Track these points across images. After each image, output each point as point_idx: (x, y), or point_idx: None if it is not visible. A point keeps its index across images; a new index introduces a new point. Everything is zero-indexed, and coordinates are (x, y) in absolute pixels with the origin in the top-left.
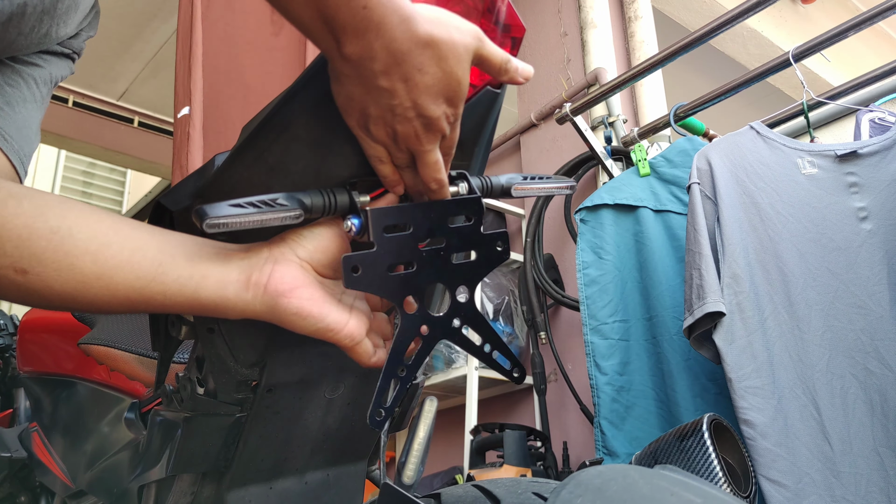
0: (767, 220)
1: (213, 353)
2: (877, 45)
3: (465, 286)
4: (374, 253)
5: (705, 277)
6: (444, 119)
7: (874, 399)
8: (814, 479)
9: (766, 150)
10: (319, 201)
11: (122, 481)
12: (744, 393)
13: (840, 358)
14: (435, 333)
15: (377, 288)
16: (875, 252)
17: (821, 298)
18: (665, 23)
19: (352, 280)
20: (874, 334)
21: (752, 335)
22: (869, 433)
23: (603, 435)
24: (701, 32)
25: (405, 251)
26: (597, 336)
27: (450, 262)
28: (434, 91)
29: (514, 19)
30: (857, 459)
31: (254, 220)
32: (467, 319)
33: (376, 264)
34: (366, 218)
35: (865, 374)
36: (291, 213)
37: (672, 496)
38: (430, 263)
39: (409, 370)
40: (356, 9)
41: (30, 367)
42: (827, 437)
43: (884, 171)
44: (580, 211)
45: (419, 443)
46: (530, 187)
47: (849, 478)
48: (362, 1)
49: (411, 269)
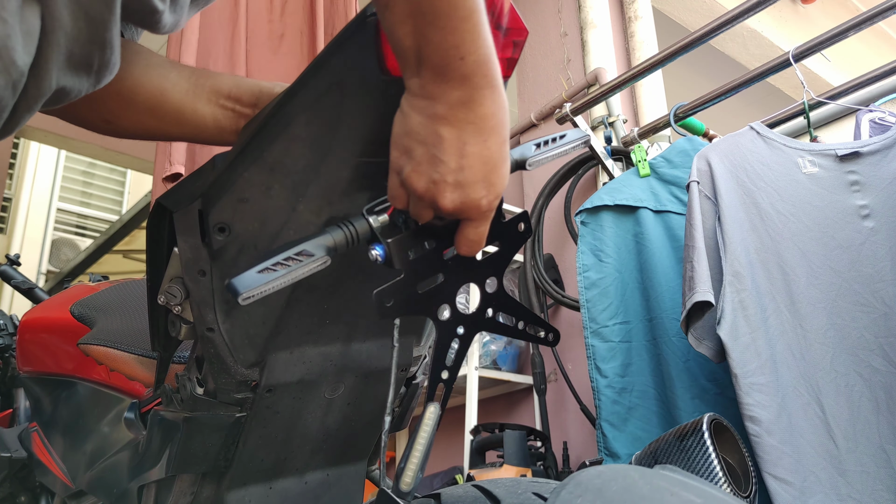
0: (768, 219)
1: (213, 353)
2: (877, 45)
3: (493, 277)
4: (402, 281)
5: (696, 269)
6: (482, 205)
7: (879, 396)
8: (819, 477)
9: (766, 150)
10: (342, 238)
11: (121, 481)
12: (749, 389)
13: (844, 356)
14: (470, 331)
15: (410, 310)
16: (878, 249)
17: (823, 296)
18: (665, 23)
19: (385, 311)
20: (878, 331)
21: (755, 332)
22: (875, 430)
23: (604, 437)
24: (701, 32)
25: (431, 267)
26: (597, 339)
27: (474, 261)
28: (481, 166)
29: (517, 22)
30: (864, 457)
31: (284, 280)
32: (499, 305)
33: (406, 289)
34: (389, 249)
35: (870, 371)
36: (319, 262)
37: (672, 496)
38: (456, 269)
39: (451, 371)
40: (453, 58)
41: (29, 367)
42: (832, 434)
43: (885, 170)
44: (580, 213)
45: (419, 449)
46: (544, 156)
47: (855, 476)
48: (461, 52)
49: (440, 281)
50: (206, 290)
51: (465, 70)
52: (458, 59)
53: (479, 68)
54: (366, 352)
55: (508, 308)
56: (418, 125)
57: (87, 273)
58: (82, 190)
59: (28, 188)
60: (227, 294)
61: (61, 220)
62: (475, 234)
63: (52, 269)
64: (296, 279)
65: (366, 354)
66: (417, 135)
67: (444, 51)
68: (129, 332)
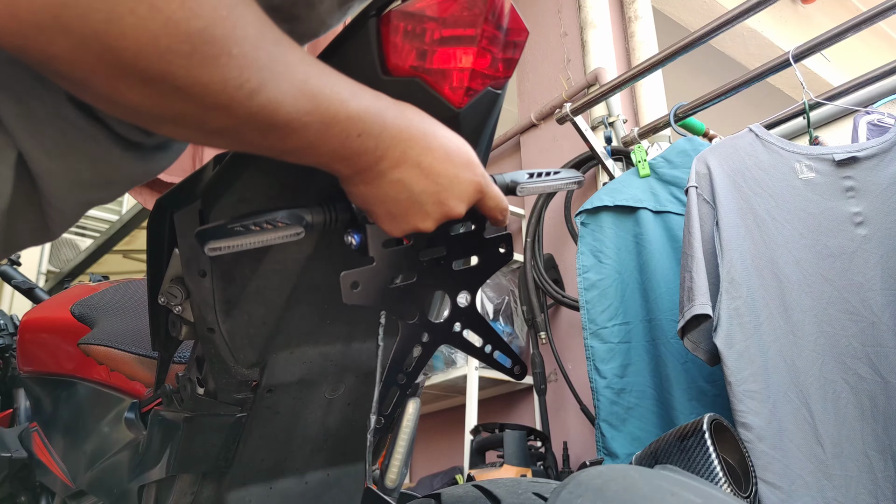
0: (764, 226)
1: (214, 353)
2: (877, 45)
3: (466, 291)
4: (373, 268)
5: (695, 280)
6: (470, 192)
7: (864, 404)
8: (806, 481)
9: (764, 154)
10: (321, 217)
11: (122, 481)
12: (742, 397)
13: (832, 363)
14: (436, 339)
15: (377, 302)
16: (869, 257)
17: (814, 304)
18: (665, 23)
19: (351, 296)
20: (865, 340)
21: (749, 339)
22: (859, 437)
23: (603, 437)
24: (701, 32)
25: (405, 264)
26: (596, 340)
27: (451, 270)
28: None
29: (517, 23)
30: (848, 462)
31: (254, 241)
32: (468, 323)
33: (376, 279)
34: (365, 234)
35: (857, 379)
36: (291, 231)
37: (672, 496)
38: (431, 273)
39: (409, 377)
40: (345, 150)
41: (30, 367)
42: (819, 440)
43: (881, 175)
44: (580, 214)
45: (402, 446)
46: (535, 186)
47: (839, 480)
48: (356, 129)
49: (412, 280)
50: (206, 291)
51: (357, 146)
52: (357, 136)
53: (365, 140)
54: (366, 352)
55: (479, 329)
56: (375, 193)
57: (87, 273)
58: None
59: None
60: (227, 294)
61: None
62: (493, 203)
63: (52, 269)
64: (265, 244)
65: (366, 354)
66: (371, 202)
67: (323, 155)
68: (130, 332)
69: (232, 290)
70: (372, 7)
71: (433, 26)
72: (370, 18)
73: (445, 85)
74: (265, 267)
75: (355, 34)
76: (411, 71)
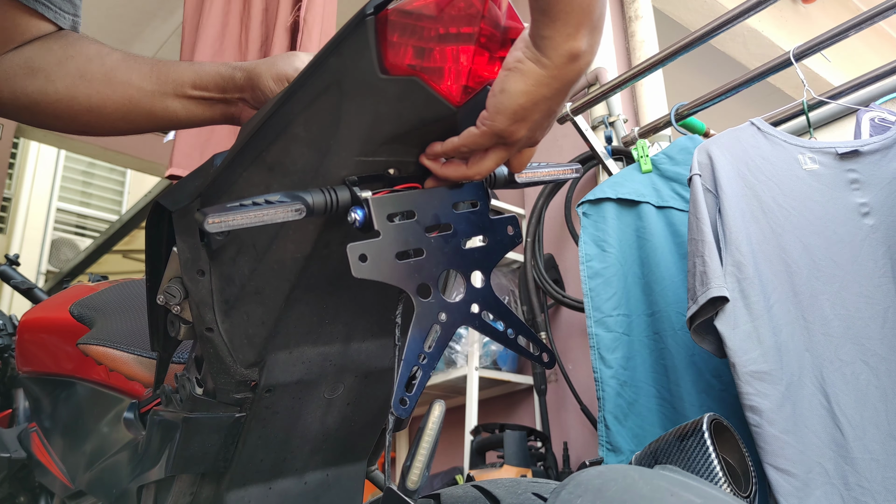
0: (769, 212)
1: (212, 353)
2: (877, 44)
3: (479, 272)
4: (379, 241)
5: (708, 264)
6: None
7: (886, 384)
8: (825, 467)
9: (766, 146)
10: (321, 198)
11: (121, 482)
12: (749, 378)
13: (849, 345)
14: (454, 320)
15: (386, 275)
16: (878, 247)
17: (827, 288)
18: (665, 23)
19: (360, 269)
20: (884, 322)
21: (758, 321)
22: (883, 418)
23: (608, 430)
24: (701, 32)
25: (412, 238)
26: (601, 328)
27: (460, 248)
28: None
29: (516, 21)
30: (872, 444)
31: (254, 216)
32: (486, 305)
33: (383, 252)
34: (368, 207)
35: (877, 360)
36: (292, 207)
37: (672, 496)
38: (440, 250)
39: (431, 358)
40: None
41: (29, 368)
42: (838, 423)
43: (885, 169)
44: (582, 204)
45: (425, 447)
46: (534, 173)
47: (863, 464)
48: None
49: (421, 256)
50: (205, 290)
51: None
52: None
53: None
54: (365, 352)
55: (499, 311)
56: (560, 89)
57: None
58: (82, 190)
59: (28, 188)
60: (226, 294)
61: (61, 220)
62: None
63: (51, 269)
64: (265, 222)
65: (365, 354)
66: (557, 97)
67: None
68: (129, 332)
69: (231, 289)
70: (369, 6)
71: (431, 24)
72: (368, 17)
73: (443, 83)
74: (264, 267)
75: (353, 33)
76: (409, 69)
